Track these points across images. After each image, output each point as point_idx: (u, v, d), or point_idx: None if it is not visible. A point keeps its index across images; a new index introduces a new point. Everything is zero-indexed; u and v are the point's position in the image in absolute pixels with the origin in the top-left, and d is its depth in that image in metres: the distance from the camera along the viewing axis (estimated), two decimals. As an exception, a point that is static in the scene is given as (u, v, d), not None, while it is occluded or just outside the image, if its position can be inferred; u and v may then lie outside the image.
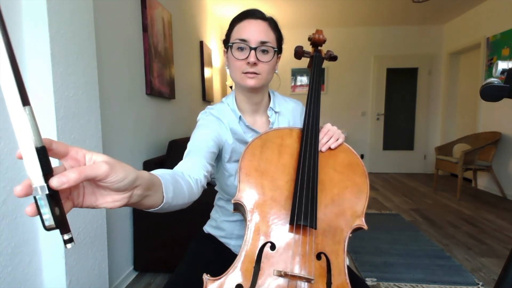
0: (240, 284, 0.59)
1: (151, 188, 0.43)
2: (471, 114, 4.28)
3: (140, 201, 0.42)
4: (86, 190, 0.36)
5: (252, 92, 0.83)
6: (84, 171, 0.31)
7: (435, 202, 3.37)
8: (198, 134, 0.77)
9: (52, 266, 1.03)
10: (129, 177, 0.36)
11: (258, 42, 0.76)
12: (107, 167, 0.33)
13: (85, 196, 0.36)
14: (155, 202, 0.46)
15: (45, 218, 0.30)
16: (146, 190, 0.42)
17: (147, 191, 0.42)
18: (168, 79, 2.27)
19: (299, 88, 5.17)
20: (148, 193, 0.43)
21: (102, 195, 0.36)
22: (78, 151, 0.34)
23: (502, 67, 0.53)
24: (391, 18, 4.61)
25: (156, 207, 0.47)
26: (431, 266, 1.87)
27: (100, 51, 1.38)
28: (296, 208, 0.63)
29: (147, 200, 0.44)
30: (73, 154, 0.33)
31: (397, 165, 5.19)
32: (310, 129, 0.74)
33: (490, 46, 3.77)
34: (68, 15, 1.02)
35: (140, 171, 0.40)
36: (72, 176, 0.30)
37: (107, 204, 0.37)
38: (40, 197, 0.30)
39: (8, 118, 0.90)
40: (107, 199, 0.36)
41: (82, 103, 1.10)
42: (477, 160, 3.47)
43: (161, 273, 1.77)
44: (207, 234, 0.94)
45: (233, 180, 0.83)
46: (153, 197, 0.45)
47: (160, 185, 0.47)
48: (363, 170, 0.73)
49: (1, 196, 0.89)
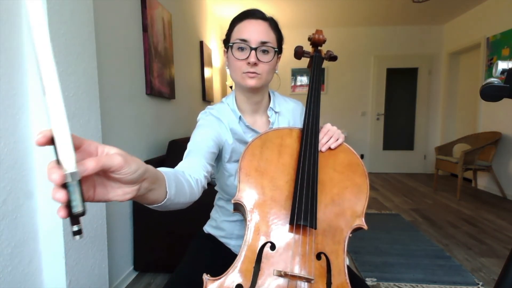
0: (240, 284, 0.59)
1: (156, 182, 0.44)
2: (471, 114, 4.28)
3: (145, 194, 0.43)
4: (97, 183, 0.36)
5: (252, 92, 0.83)
6: (101, 160, 0.32)
7: (435, 202, 3.37)
8: (198, 134, 0.77)
9: (52, 266, 1.03)
10: (140, 169, 0.37)
11: (259, 42, 0.76)
12: (122, 158, 0.34)
13: (96, 189, 0.36)
14: (159, 197, 0.47)
15: (74, 204, 0.31)
16: (151, 184, 0.43)
17: (153, 185, 0.43)
18: (168, 79, 2.27)
19: (299, 88, 5.17)
20: (153, 186, 0.44)
21: (113, 188, 0.37)
22: (91, 144, 0.34)
23: (502, 67, 0.54)
24: (391, 18, 4.61)
25: (159, 202, 0.48)
26: (431, 266, 1.87)
27: (100, 51, 1.38)
28: (296, 208, 0.63)
29: (152, 194, 0.44)
30: (86, 147, 0.34)
31: (397, 165, 5.19)
32: (310, 129, 0.74)
33: (490, 46, 3.77)
34: (68, 15, 1.02)
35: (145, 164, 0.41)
36: (90, 164, 0.31)
37: (118, 197, 0.37)
38: (71, 184, 0.30)
39: (8, 118, 0.90)
40: (118, 191, 0.37)
41: (82, 103, 1.10)
42: (477, 160, 3.47)
43: (161, 273, 1.77)
44: (207, 234, 0.94)
45: (233, 180, 0.83)
46: (157, 191, 0.46)
47: (164, 180, 0.48)
48: (363, 170, 0.73)
49: (1, 196, 0.89)
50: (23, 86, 0.96)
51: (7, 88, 0.90)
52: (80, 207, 0.31)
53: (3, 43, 0.89)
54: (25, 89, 0.96)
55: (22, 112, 0.95)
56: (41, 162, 1.00)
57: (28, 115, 0.98)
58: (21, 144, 0.95)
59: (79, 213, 0.31)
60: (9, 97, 0.91)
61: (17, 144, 0.94)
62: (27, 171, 0.98)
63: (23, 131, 0.96)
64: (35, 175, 1.00)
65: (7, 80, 0.90)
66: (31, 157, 0.99)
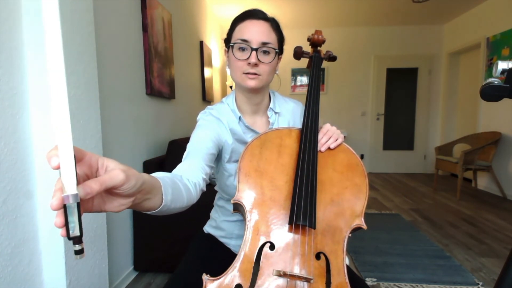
0: (240, 284, 0.59)
1: (152, 192, 0.44)
2: (471, 114, 4.28)
3: (141, 203, 0.43)
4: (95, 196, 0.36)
5: (253, 93, 0.83)
6: (105, 182, 0.32)
7: (435, 202, 3.37)
8: (197, 135, 0.77)
9: (52, 266, 1.03)
10: (138, 182, 0.37)
11: (260, 43, 0.76)
12: (124, 176, 0.34)
13: (93, 202, 0.36)
14: (154, 205, 0.47)
15: (71, 226, 0.30)
16: (147, 194, 0.43)
17: (148, 194, 0.43)
18: (168, 79, 2.27)
19: (299, 88, 5.17)
20: (148, 196, 0.44)
21: (109, 200, 0.37)
22: (92, 156, 0.34)
23: (502, 67, 0.54)
24: (391, 18, 4.60)
25: (155, 210, 0.48)
26: (431, 266, 1.87)
27: (100, 51, 1.38)
28: (295, 208, 0.63)
29: (147, 203, 0.45)
30: (87, 159, 0.34)
31: (397, 165, 5.19)
32: (309, 129, 0.74)
33: (490, 46, 3.77)
34: (68, 15, 1.02)
35: (142, 174, 0.40)
36: (95, 187, 0.31)
37: (114, 208, 0.38)
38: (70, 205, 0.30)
39: (8, 118, 0.90)
40: (114, 203, 0.37)
41: (82, 103, 1.10)
42: (477, 160, 3.47)
43: (161, 273, 1.77)
44: (207, 234, 0.94)
45: (233, 180, 0.83)
46: (153, 200, 0.46)
47: (160, 188, 0.48)
48: (363, 170, 0.73)
49: (1, 196, 0.89)
50: (23, 86, 0.96)
51: (7, 88, 0.90)
52: (77, 231, 0.30)
53: (3, 43, 0.89)
54: (25, 89, 0.97)
55: (22, 112, 0.95)
56: (41, 162, 1.00)
57: (28, 115, 0.98)
58: (21, 144, 0.95)
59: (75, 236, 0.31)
60: (9, 97, 0.91)
61: (17, 144, 0.94)
62: (27, 171, 0.98)
63: (23, 131, 0.96)
64: (35, 175, 1.00)
65: (7, 80, 0.90)
66: (31, 157, 0.99)
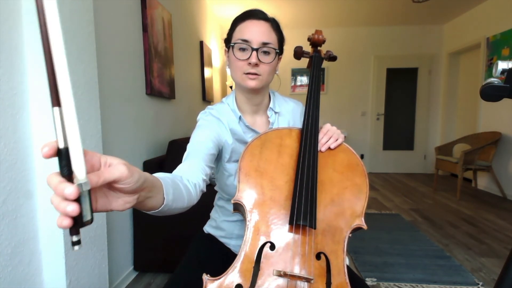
0: (240, 284, 0.59)
1: (153, 190, 0.45)
2: (471, 114, 4.28)
3: (143, 202, 0.43)
4: (99, 194, 0.36)
5: (253, 93, 0.83)
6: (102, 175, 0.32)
7: (435, 202, 3.37)
8: (197, 136, 0.77)
9: (52, 266, 1.03)
10: (141, 178, 0.37)
11: (260, 43, 0.76)
12: (126, 168, 0.34)
13: (98, 200, 0.36)
14: (156, 204, 0.47)
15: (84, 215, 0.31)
16: (149, 192, 0.43)
17: (150, 192, 0.44)
18: (168, 79, 2.27)
19: (299, 88, 5.17)
20: (151, 194, 0.44)
21: (114, 198, 0.37)
22: (93, 155, 0.34)
23: (502, 67, 0.54)
24: (391, 18, 4.60)
25: (157, 209, 0.48)
26: (431, 266, 1.87)
27: (100, 51, 1.38)
28: (296, 208, 0.63)
29: (150, 201, 0.45)
30: (89, 158, 0.34)
31: (397, 165, 5.19)
32: (310, 129, 0.74)
33: (490, 46, 3.77)
34: (68, 15, 1.02)
35: (143, 172, 0.41)
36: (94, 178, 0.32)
37: (119, 207, 0.37)
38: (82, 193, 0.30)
39: (8, 118, 0.90)
40: (119, 201, 0.37)
41: (82, 103, 1.10)
42: (477, 160, 3.47)
43: (161, 273, 1.77)
44: (207, 234, 0.94)
45: (233, 180, 0.83)
46: (155, 199, 0.46)
47: (161, 187, 0.48)
48: (363, 170, 0.73)
49: (1, 196, 0.89)
50: (23, 86, 0.96)
51: (7, 88, 0.90)
52: (89, 216, 0.31)
53: (3, 43, 0.89)
54: (25, 89, 0.96)
55: (22, 112, 0.95)
56: (41, 162, 1.00)
57: (28, 115, 0.98)
58: (21, 144, 0.95)
59: (88, 221, 0.31)
60: (9, 97, 0.91)
61: (17, 144, 0.94)
62: (27, 171, 0.98)
63: (23, 131, 0.96)
64: (35, 175, 1.00)
65: (7, 80, 0.90)
66: (31, 157, 0.99)
